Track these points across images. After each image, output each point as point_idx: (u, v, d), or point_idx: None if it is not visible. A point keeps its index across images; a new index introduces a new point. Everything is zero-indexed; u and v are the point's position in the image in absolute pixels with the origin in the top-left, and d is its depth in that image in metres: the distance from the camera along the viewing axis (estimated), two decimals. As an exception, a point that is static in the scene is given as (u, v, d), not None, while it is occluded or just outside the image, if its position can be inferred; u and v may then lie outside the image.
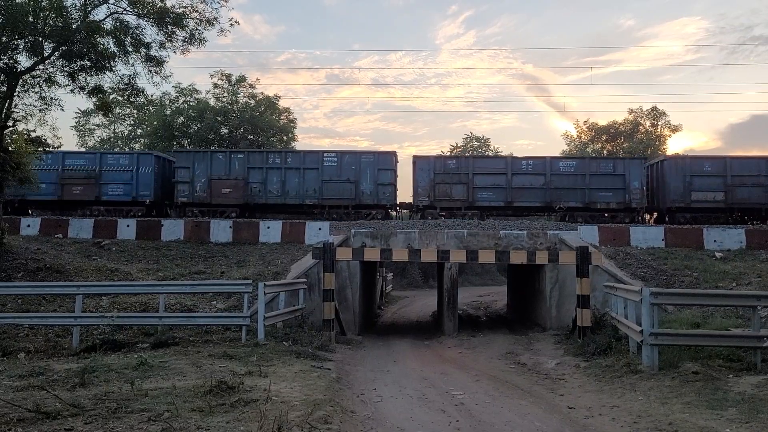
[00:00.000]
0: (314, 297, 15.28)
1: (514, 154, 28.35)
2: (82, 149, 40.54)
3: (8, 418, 5.79)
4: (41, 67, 17.80)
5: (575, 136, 45.34)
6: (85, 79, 18.39)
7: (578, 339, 12.44)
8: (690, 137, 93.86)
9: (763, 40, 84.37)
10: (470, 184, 23.03)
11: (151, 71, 18.95)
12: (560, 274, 16.34)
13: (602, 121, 43.81)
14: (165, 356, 9.76)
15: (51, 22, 16.90)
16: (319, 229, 19.55)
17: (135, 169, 23.43)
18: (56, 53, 17.51)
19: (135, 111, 40.45)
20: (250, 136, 37.06)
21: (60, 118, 59.62)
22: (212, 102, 38.05)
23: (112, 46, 18.19)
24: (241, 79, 38.89)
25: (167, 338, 11.35)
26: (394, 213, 24.40)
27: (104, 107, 19.50)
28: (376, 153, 23.64)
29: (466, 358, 12.69)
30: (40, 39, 16.99)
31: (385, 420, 7.10)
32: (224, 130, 37.19)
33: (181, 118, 36.97)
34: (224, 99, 38.66)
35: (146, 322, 12.29)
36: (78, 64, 17.94)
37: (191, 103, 37.89)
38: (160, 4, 18.06)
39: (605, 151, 41.55)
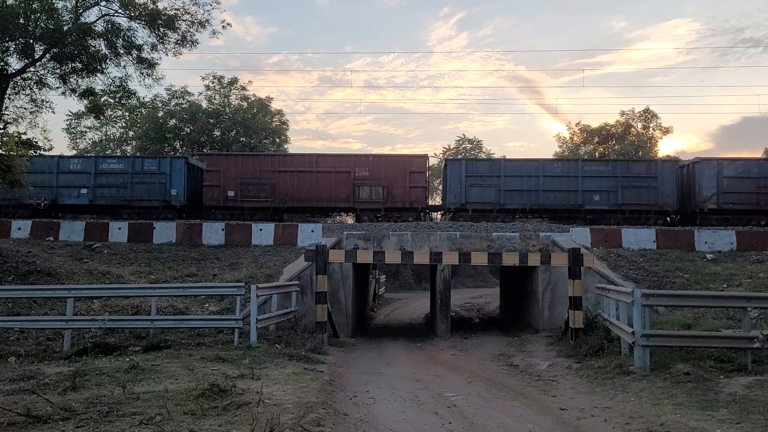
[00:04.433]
0: (307, 299, 15.26)
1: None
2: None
3: (-2, 423, 5.76)
4: (32, 69, 17.75)
5: (567, 138, 45.61)
6: (77, 81, 18.38)
7: (570, 340, 12.48)
8: (681, 139, 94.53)
9: (754, 43, 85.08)
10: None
11: (142, 73, 18.98)
12: (552, 276, 16.38)
13: (594, 123, 44.12)
14: (157, 359, 9.73)
15: (42, 24, 16.86)
16: (312, 231, 19.52)
17: None
18: (47, 55, 17.46)
19: (127, 113, 40.30)
20: (242, 139, 36.99)
21: (51, 120, 59.57)
22: (204, 104, 37.99)
23: (103, 48, 18.19)
24: (233, 81, 38.85)
25: (159, 341, 11.28)
26: None
27: (96, 109, 19.46)
28: None
29: (458, 360, 12.70)
30: (31, 41, 16.95)
31: (378, 422, 7.09)
32: (216, 132, 37.13)
33: (173, 120, 36.86)
34: (216, 101, 38.60)
35: (138, 325, 12.23)
36: (69, 66, 17.90)
37: (183, 105, 37.78)
38: (151, 6, 18.07)
39: (597, 153, 41.73)
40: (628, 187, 22.64)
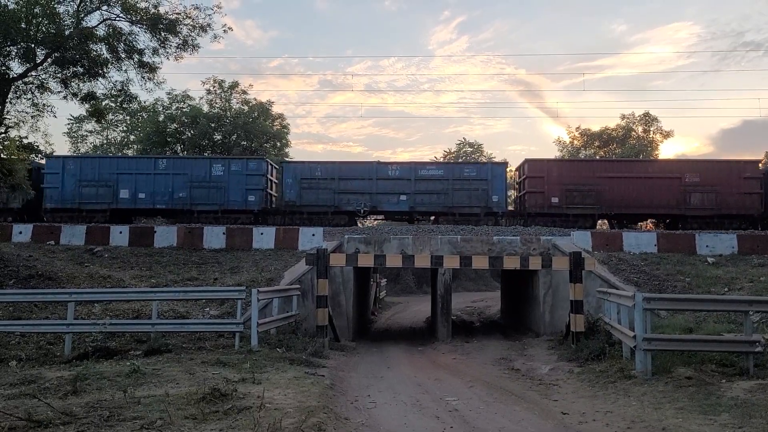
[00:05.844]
0: (308, 303, 15.25)
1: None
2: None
3: (0, 427, 5.75)
4: (34, 73, 17.78)
5: (568, 142, 45.64)
6: (78, 85, 18.40)
7: (572, 344, 12.46)
8: (682, 143, 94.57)
9: (754, 46, 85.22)
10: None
11: (144, 77, 18.97)
12: (553, 280, 16.37)
13: (595, 127, 44.15)
14: (158, 363, 9.72)
15: (44, 28, 16.89)
16: (313, 235, 19.52)
17: None
18: (49, 60, 17.50)
19: (128, 117, 40.37)
20: (243, 143, 37.03)
21: (52, 124, 59.67)
22: (205, 108, 38.02)
23: (105, 52, 18.22)
24: (234, 85, 38.88)
25: (160, 345, 11.29)
26: None
27: (97, 113, 19.50)
28: None
29: (459, 364, 12.68)
30: (33, 45, 16.98)
31: (379, 426, 7.09)
32: (217, 137, 37.16)
33: (174, 124, 36.91)
34: (217, 105, 38.62)
35: (139, 329, 12.23)
36: (71, 70, 17.94)
37: (184, 109, 37.82)
38: (153, 10, 18.08)
39: (597, 157, 41.71)
40: None
